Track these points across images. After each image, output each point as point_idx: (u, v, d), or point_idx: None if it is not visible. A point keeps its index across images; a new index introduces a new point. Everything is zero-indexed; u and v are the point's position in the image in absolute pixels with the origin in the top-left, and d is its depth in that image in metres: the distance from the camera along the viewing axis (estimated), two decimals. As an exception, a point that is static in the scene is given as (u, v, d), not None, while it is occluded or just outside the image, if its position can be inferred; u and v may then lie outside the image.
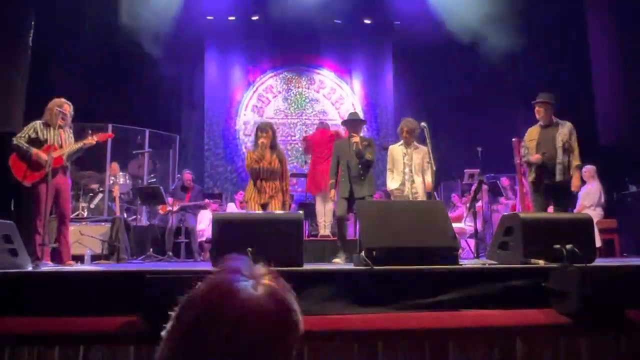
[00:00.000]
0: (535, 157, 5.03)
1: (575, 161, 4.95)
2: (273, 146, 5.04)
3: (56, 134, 4.64)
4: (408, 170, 5.25)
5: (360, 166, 5.00)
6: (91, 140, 4.77)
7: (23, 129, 4.67)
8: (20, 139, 4.55)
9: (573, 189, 5.01)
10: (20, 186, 4.58)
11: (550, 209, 5.16)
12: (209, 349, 0.74)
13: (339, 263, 4.64)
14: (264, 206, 5.02)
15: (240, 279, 0.79)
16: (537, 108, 5.14)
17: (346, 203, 5.06)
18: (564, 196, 5.07)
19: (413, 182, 5.22)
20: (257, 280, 0.80)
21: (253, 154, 5.02)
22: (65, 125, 4.74)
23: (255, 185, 5.00)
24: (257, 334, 0.76)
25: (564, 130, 5.02)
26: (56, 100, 4.72)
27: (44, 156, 4.47)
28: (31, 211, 4.50)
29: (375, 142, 5.64)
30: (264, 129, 5.03)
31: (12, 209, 4.99)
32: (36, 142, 4.57)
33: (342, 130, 6.78)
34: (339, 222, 5.13)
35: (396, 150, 5.42)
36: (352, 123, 5.30)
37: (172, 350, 0.77)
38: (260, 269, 0.83)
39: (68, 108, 4.75)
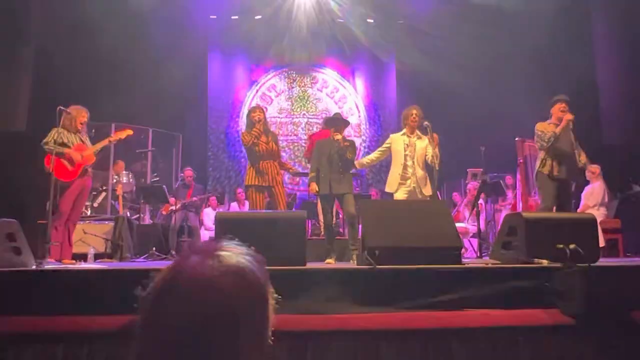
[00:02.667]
0: (566, 117, 4.88)
1: (585, 158, 5.03)
2: (266, 129, 5.24)
3: (77, 138, 4.92)
4: (411, 162, 4.97)
5: (340, 164, 4.98)
6: (115, 137, 5.14)
7: (47, 135, 4.83)
8: (48, 144, 4.74)
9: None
10: (23, 184, 4.67)
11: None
12: (171, 322, 0.75)
13: (331, 263, 4.64)
14: (267, 189, 5.04)
15: (192, 256, 0.81)
16: (564, 105, 5.06)
17: (331, 210, 5.12)
18: (570, 193, 5.15)
19: (416, 175, 4.96)
20: (205, 253, 0.81)
21: (250, 132, 5.13)
22: (82, 131, 5.02)
23: (256, 168, 5.08)
24: (207, 303, 0.76)
25: (571, 133, 5.04)
26: (74, 107, 4.94)
27: (76, 155, 4.80)
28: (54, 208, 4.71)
29: (379, 141, 5.61)
30: (256, 108, 5.33)
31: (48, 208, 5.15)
32: (62, 146, 4.79)
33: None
34: (327, 227, 5.07)
35: (397, 140, 5.09)
36: (335, 123, 5.24)
37: (139, 331, 0.78)
38: (214, 243, 0.85)
39: (86, 115, 5.00)
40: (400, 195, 5.00)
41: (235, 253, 0.84)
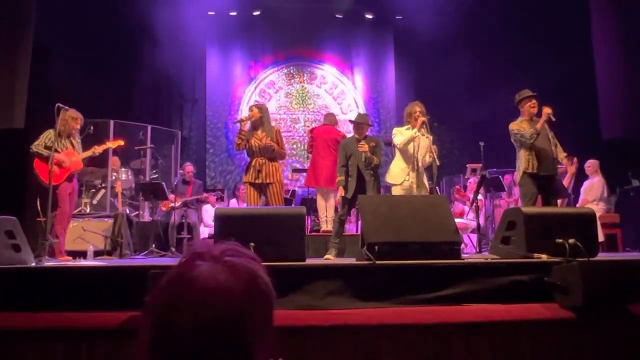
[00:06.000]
0: (546, 111, 4.82)
1: (563, 153, 5.03)
2: (262, 124, 5.11)
3: (68, 142, 5.03)
4: (415, 157, 4.85)
5: (370, 170, 4.94)
6: (100, 148, 5.30)
7: (39, 137, 4.93)
8: (38, 147, 4.86)
9: (571, 175, 5.13)
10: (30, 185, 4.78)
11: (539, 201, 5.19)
12: (179, 331, 0.75)
13: (331, 259, 4.61)
14: (263, 187, 5.02)
15: (198, 262, 0.81)
16: (534, 102, 5.04)
17: (350, 203, 4.96)
18: (557, 187, 5.20)
19: (418, 170, 4.84)
20: (214, 259, 0.82)
21: (239, 136, 5.15)
22: (75, 135, 5.13)
23: (252, 164, 5.10)
24: (221, 310, 0.76)
25: (547, 126, 5.02)
26: (71, 112, 5.01)
27: (66, 160, 4.91)
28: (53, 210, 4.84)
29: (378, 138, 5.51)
30: (252, 107, 5.33)
31: (39, 208, 5.28)
32: (50, 150, 4.83)
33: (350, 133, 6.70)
34: (340, 220, 5.00)
35: (403, 133, 4.92)
36: (357, 125, 5.16)
37: (148, 338, 0.78)
38: (218, 247, 0.85)
39: (80, 121, 5.13)
40: (400, 189, 4.91)
41: (243, 257, 0.84)
